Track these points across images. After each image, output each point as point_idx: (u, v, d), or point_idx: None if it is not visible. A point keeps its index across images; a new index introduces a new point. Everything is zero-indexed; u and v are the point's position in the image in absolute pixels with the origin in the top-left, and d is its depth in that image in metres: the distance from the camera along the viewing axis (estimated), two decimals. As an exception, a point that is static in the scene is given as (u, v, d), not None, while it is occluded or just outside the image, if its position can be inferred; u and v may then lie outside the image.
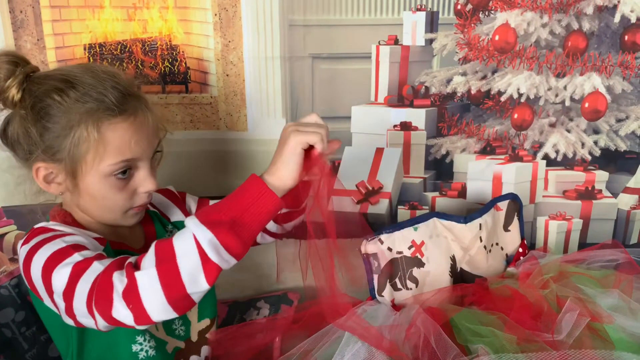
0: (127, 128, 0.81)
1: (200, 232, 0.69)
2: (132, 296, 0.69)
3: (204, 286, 0.70)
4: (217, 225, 0.69)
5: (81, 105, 0.79)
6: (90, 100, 0.80)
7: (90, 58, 1.20)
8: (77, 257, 0.75)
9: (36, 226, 0.85)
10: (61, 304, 0.76)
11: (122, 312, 0.70)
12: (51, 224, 0.85)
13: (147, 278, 0.68)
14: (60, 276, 0.74)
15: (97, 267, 0.73)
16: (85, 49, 1.21)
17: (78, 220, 0.88)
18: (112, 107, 0.80)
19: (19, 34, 1.17)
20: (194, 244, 0.69)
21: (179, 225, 0.98)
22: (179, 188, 1.06)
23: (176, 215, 1.01)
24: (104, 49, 1.21)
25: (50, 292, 0.77)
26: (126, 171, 0.83)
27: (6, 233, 1.25)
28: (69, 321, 0.78)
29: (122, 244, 0.89)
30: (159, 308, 0.70)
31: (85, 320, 0.75)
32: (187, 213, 1.02)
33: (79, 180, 0.82)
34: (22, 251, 0.81)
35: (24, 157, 0.84)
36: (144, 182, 0.85)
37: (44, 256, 0.77)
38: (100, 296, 0.70)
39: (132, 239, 0.92)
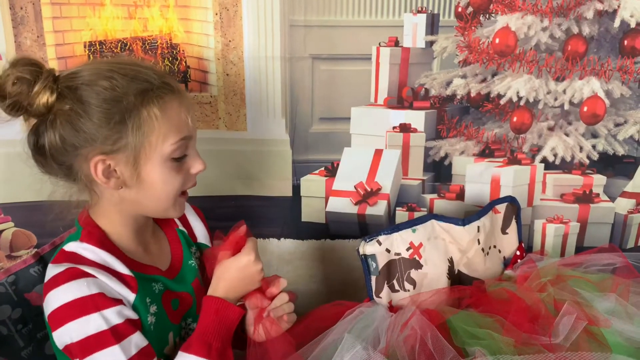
0: (179, 105, 0.81)
1: None
2: None
3: None
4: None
5: (133, 86, 0.77)
6: (139, 81, 0.78)
7: (90, 56, 1.20)
8: (115, 354, 0.75)
9: (67, 249, 0.82)
10: None
11: None
12: (84, 250, 0.81)
13: None
14: None
15: None
16: (85, 46, 1.20)
17: (112, 239, 0.84)
18: (162, 85, 0.80)
19: (19, 30, 1.17)
20: None
21: (202, 247, 1.00)
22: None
23: (201, 235, 1.01)
24: (104, 47, 1.21)
25: None
26: (182, 157, 0.82)
27: (3, 230, 1.25)
28: None
29: (153, 268, 0.88)
30: None
31: None
32: (209, 232, 1.02)
33: (141, 167, 0.79)
34: (51, 284, 0.77)
35: (69, 162, 0.79)
36: (195, 163, 0.85)
37: (78, 331, 0.75)
38: None
39: (161, 260, 0.92)
